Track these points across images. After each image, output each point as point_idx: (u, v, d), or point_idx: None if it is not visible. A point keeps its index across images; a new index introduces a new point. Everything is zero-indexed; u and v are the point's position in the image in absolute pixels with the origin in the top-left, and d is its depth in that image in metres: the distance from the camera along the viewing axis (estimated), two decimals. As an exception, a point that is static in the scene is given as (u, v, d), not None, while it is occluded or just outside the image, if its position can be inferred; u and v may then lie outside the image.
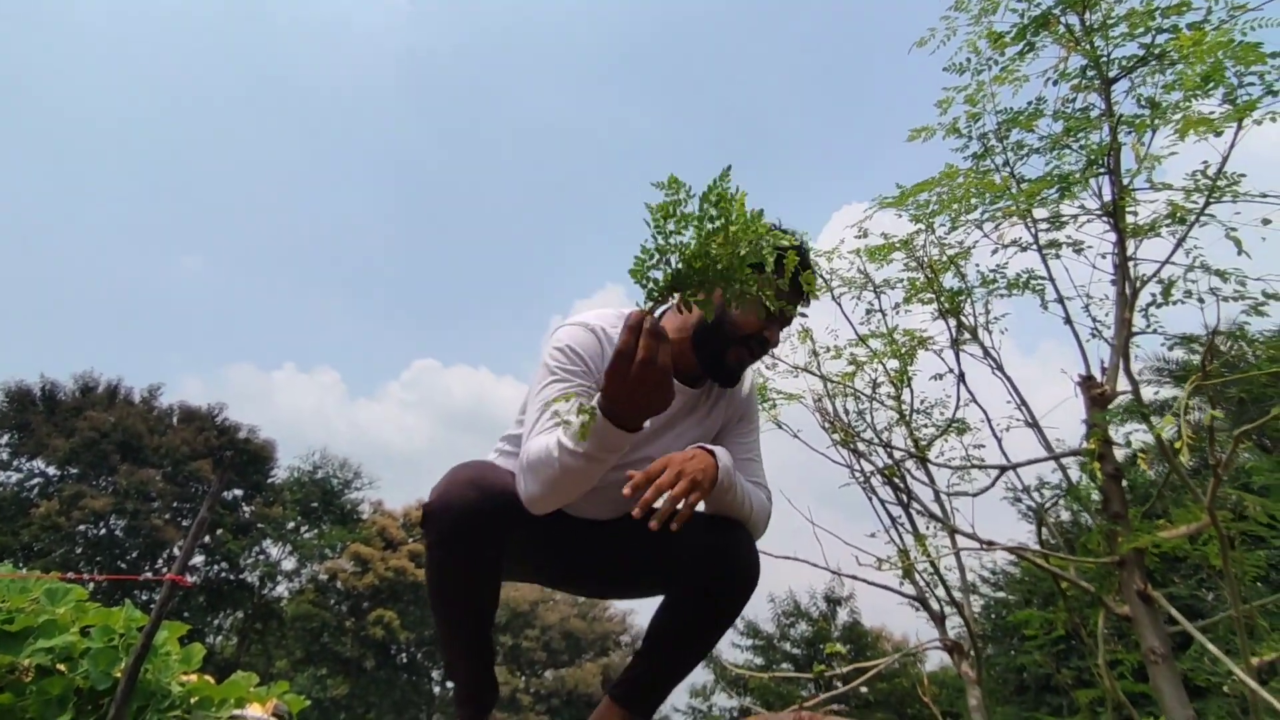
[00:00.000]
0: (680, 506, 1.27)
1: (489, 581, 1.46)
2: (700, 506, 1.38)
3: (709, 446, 1.44)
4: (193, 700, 4.35)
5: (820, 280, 2.45)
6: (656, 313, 1.65)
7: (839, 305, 2.43)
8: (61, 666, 3.84)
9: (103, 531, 25.88)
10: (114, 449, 26.39)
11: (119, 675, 3.70)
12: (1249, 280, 1.71)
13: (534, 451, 1.36)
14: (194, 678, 4.58)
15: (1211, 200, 1.70)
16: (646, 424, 1.55)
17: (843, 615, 22.37)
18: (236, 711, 4.61)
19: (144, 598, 22.43)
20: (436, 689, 28.66)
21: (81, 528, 25.15)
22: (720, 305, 1.58)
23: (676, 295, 1.14)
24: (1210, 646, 1.43)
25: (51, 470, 26.67)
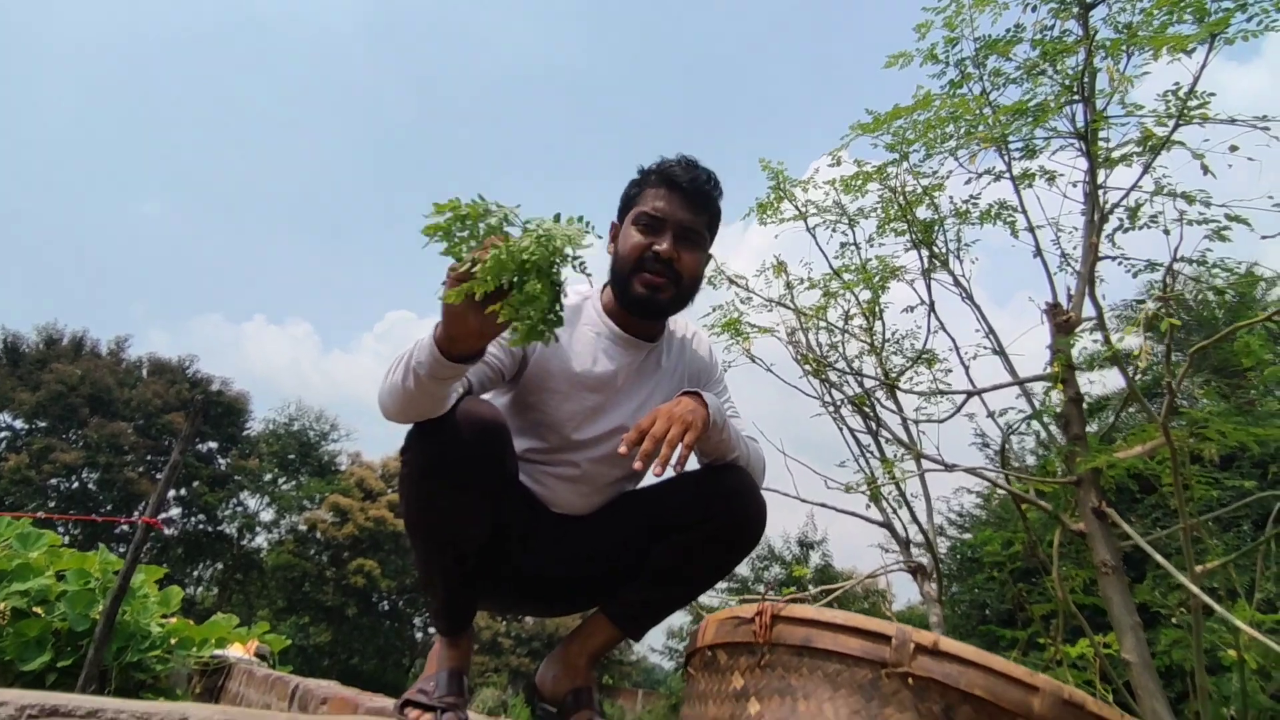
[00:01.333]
0: (679, 448, 1.28)
1: (478, 520, 1.39)
2: (693, 462, 1.41)
3: (693, 390, 1.45)
4: (173, 641, 4.38)
5: (796, 210, 2.45)
6: (597, 288, 1.69)
7: (813, 236, 2.44)
8: (38, 609, 3.84)
9: (75, 485, 25.63)
10: (83, 402, 25.93)
11: (96, 617, 3.72)
12: (1213, 205, 1.74)
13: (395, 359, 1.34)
14: (173, 620, 4.61)
15: (1181, 122, 1.71)
16: (599, 369, 1.56)
17: (815, 558, 23.06)
18: (218, 651, 4.66)
19: (120, 549, 22.36)
20: (419, 635, 29.19)
21: (54, 481, 24.88)
22: (617, 244, 1.61)
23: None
24: (1157, 556, 1.50)
25: (19, 424, 26.20)
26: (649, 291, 1.54)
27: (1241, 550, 1.64)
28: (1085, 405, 1.91)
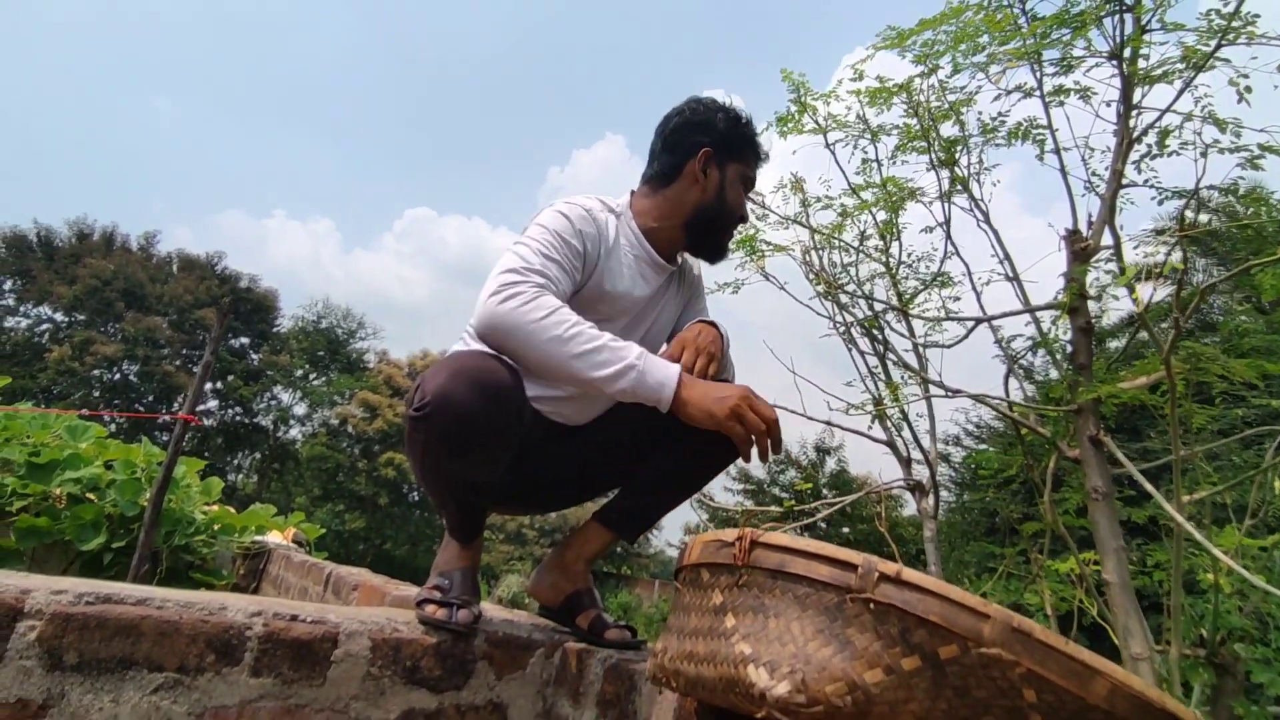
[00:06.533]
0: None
1: (491, 473, 1.41)
2: None
3: (708, 319, 1.56)
4: (216, 527, 4.71)
5: (816, 124, 2.37)
6: (624, 201, 1.68)
7: (832, 153, 2.36)
8: (90, 495, 4.13)
9: (117, 376, 26.66)
10: (117, 296, 26.59)
11: (144, 504, 4.00)
12: (1249, 131, 1.65)
13: (561, 314, 1.31)
14: (215, 508, 4.94)
15: (1224, 42, 1.60)
16: (637, 293, 1.60)
17: (830, 464, 23.58)
18: (257, 538, 5.00)
19: (163, 438, 23.53)
20: (448, 523, 30.68)
21: (96, 372, 25.88)
22: (718, 190, 1.60)
23: None
24: (1147, 485, 1.54)
25: (59, 316, 27.04)
26: (728, 248, 1.69)
27: (1231, 482, 1.67)
28: (1095, 333, 1.90)
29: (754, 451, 1.31)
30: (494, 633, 1.50)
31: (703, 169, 1.61)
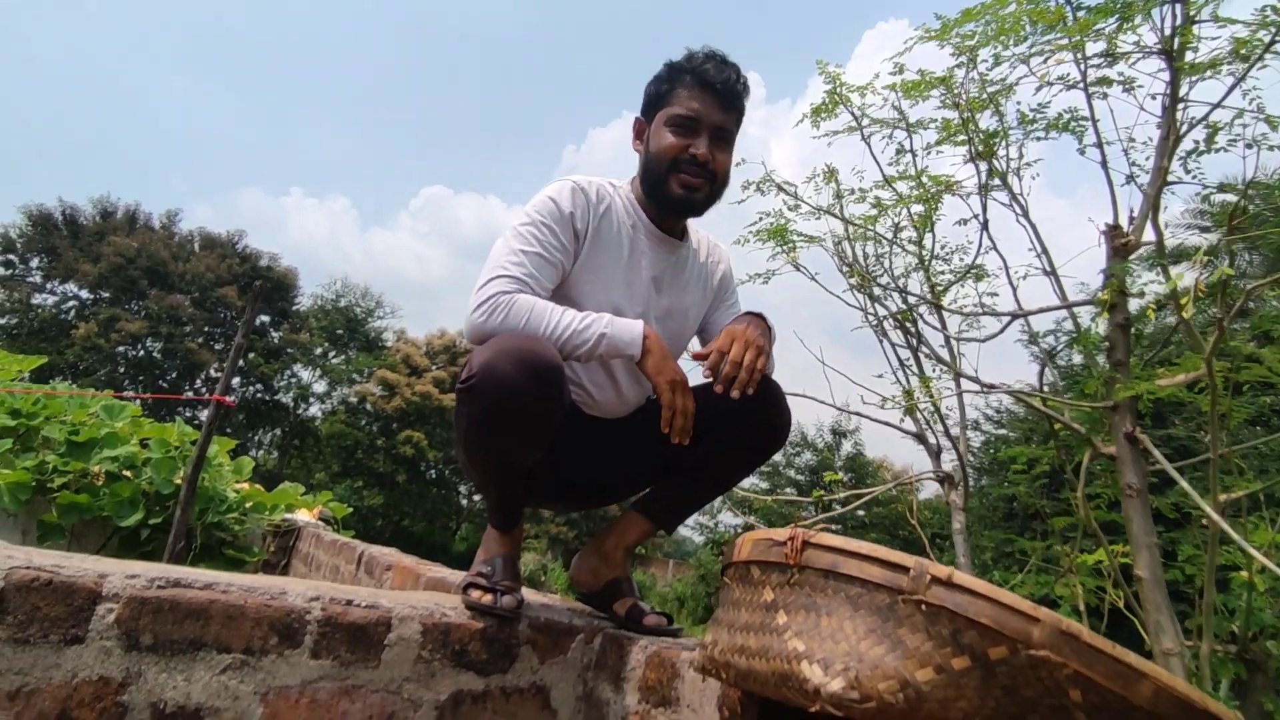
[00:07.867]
0: (754, 374, 1.41)
1: (535, 453, 1.46)
2: None
3: (756, 311, 1.59)
4: (247, 505, 4.82)
5: (850, 117, 2.36)
6: (625, 181, 1.72)
7: (868, 145, 2.35)
8: (127, 473, 4.24)
9: (141, 353, 27.06)
10: (141, 274, 26.91)
11: (179, 482, 4.10)
12: (1300, 128, 1.62)
13: (538, 310, 1.42)
14: (246, 486, 5.05)
15: (1279, 38, 1.57)
16: (639, 258, 1.64)
17: (847, 446, 23.54)
18: (287, 515, 5.11)
19: (188, 415, 23.95)
20: (464, 501, 31.06)
21: (121, 349, 26.28)
22: (646, 147, 1.63)
23: None
24: (1183, 483, 1.55)
25: (84, 294, 27.43)
26: (687, 192, 1.59)
27: (1270, 484, 1.67)
28: (1130, 322, 1.89)
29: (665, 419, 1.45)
30: (536, 618, 1.54)
31: (638, 137, 1.68)
